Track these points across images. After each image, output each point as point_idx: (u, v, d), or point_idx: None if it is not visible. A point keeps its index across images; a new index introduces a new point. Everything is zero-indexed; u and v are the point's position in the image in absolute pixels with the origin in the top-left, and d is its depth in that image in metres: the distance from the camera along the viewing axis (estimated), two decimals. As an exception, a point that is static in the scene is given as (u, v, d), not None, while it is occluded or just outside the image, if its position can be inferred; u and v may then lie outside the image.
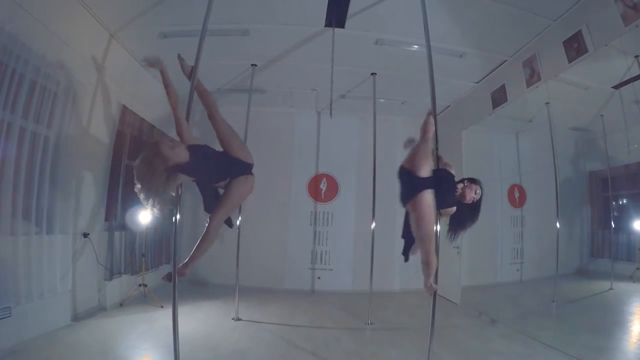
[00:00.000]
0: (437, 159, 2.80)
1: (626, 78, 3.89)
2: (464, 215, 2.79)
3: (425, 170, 2.54)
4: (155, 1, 3.77)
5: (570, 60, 3.67)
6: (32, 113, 3.40)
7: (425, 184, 2.52)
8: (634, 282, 4.27)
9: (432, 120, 2.79)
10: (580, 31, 3.54)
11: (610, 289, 4.59)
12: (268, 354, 3.46)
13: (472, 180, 2.84)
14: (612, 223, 5.06)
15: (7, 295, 3.15)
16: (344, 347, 3.71)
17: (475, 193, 2.78)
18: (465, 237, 5.89)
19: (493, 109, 4.97)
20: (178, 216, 2.69)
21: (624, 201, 4.93)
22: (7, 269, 3.16)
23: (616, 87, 4.17)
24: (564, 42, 3.71)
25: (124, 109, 4.81)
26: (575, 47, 3.61)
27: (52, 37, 3.52)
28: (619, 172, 4.88)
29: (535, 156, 6.11)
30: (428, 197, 2.50)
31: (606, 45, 3.35)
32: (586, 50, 3.50)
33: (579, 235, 5.37)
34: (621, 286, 4.47)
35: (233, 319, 4.45)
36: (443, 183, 2.64)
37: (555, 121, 5.29)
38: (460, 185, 2.78)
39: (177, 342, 2.52)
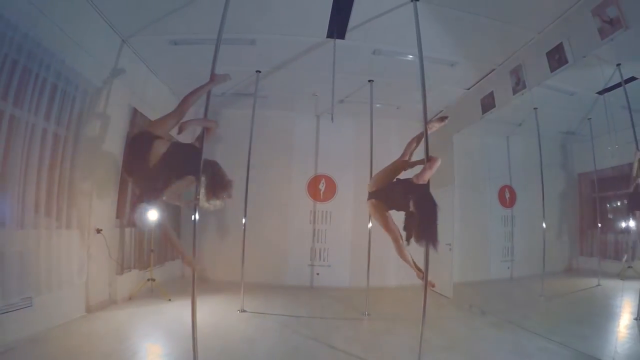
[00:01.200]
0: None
1: (609, 85, 4.19)
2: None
3: (373, 185, 3.36)
4: (167, 11, 4.02)
5: (552, 70, 3.97)
6: (53, 115, 3.64)
7: (370, 195, 3.34)
8: (621, 279, 4.47)
9: (413, 143, 3.38)
10: (561, 43, 3.84)
11: (598, 285, 4.87)
12: (274, 340, 3.72)
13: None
14: (599, 223, 5.31)
15: (29, 286, 3.36)
16: (344, 334, 3.98)
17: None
18: (458, 235, 6.22)
19: (482, 114, 5.26)
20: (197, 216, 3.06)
21: (611, 202, 5.16)
22: (30, 260, 3.38)
23: (600, 92, 4.46)
24: (547, 53, 4.01)
25: (135, 112, 5.05)
26: (556, 58, 3.91)
27: (70, 43, 3.75)
28: (606, 174, 5.13)
29: (526, 159, 6.39)
30: (372, 204, 3.33)
31: (584, 57, 3.64)
32: (566, 61, 3.80)
33: (570, 234, 5.65)
34: (609, 283, 4.74)
35: (239, 310, 4.70)
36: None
37: (545, 125, 5.57)
38: None
39: (195, 330, 2.79)
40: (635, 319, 3.89)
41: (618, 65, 3.93)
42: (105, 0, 3.86)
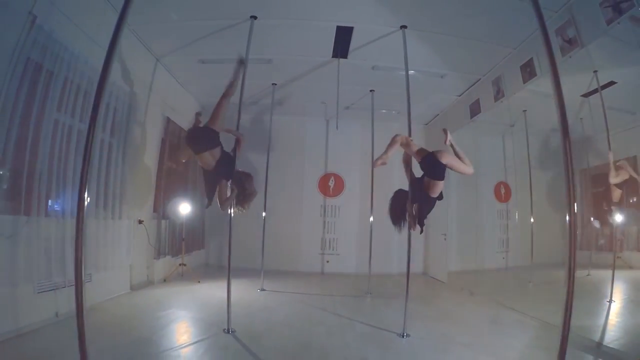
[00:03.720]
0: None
1: (591, 89, 4.69)
2: None
3: None
4: (198, 37, 4.77)
5: (524, 81, 4.56)
6: (108, 127, 4.42)
7: None
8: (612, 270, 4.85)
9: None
10: (531, 58, 4.43)
11: (588, 275, 5.28)
12: (290, 309, 4.49)
13: None
14: (591, 218, 5.75)
15: (90, 264, 4.09)
16: (349, 307, 4.73)
17: None
18: (455, 227, 6.82)
19: (471, 118, 5.90)
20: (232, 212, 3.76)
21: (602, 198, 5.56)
22: (91, 243, 4.11)
23: (584, 95, 4.98)
24: (520, 67, 4.59)
25: (168, 120, 5.84)
26: (528, 71, 4.51)
27: (116, 66, 4.46)
28: (600, 170, 5.56)
29: (522, 156, 6.89)
30: None
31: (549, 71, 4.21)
32: (535, 74, 4.39)
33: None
34: (601, 273, 5.04)
35: (259, 289, 5.46)
36: None
37: (540, 124, 6.09)
38: None
39: (229, 292, 3.55)
40: (608, 301, 4.43)
41: (595, 72, 4.49)
42: (143, 28, 4.60)
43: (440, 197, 3.79)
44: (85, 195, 2.14)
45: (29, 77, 3.26)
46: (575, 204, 2.05)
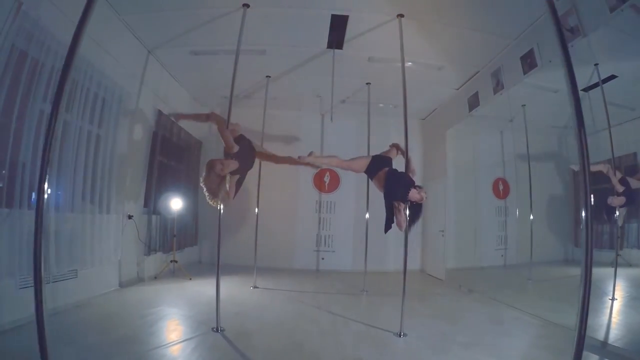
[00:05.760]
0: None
1: (592, 83, 4.61)
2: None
3: None
4: (189, 27, 4.64)
5: (524, 73, 4.45)
6: (95, 119, 4.28)
7: None
8: (612, 267, 4.74)
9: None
10: (532, 49, 4.33)
11: None
12: (282, 307, 4.36)
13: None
14: (588, 215, 5.63)
15: (76, 260, 3.99)
16: (343, 304, 4.59)
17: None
18: (453, 224, 6.71)
19: (469, 111, 5.78)
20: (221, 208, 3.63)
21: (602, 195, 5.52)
22: (77, 238, 4.01)
23: (585, 90, 4.89)
24: (520, 58, 4.49)
25: (159, 113, 5.69)
26: (528, 62, 4.40)
27: (106, 56, 4.36)
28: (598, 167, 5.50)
29: (521, 152, 6.80)
30: None
31: (550, 61, 4.11)
32: (536, 65, 4.29)
33: (567, 226, 5.98)
34: (600, 271, 5.02)
35: (252, 287, 5.33)
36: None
37: (539, 120, 5.99)
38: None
39: (219, 288, 3.42)
40: (610, 299, 4.35)
41: (596, 65, 4.38)
42: (134, 18, 4.49)
43: (386, 194, 3.83)
44: (46, 186, 1.98)
45: (13, 65, 3.14)
46: (592, 197, 1.89)
